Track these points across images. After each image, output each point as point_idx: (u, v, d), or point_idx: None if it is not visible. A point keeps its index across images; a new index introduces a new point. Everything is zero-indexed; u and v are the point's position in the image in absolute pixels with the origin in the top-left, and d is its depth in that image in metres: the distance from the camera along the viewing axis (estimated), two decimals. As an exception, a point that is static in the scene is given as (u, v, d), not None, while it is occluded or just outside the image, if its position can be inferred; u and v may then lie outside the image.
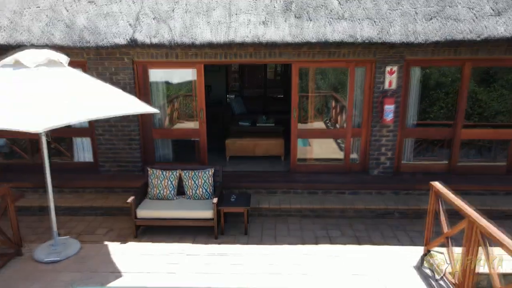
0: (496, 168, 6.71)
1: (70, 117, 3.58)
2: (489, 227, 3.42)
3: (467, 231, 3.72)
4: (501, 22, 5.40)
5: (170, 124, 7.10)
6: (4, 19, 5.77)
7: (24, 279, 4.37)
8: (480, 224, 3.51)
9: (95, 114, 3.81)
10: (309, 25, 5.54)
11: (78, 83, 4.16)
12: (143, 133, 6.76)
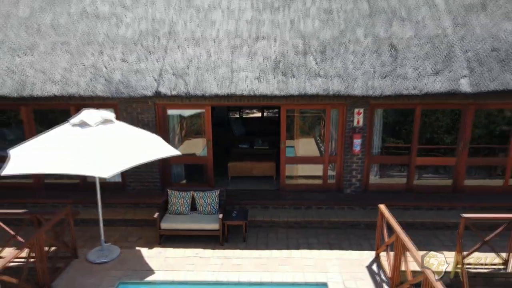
0: (444, 188, 8.39)
1: (126, 164, 5.27)
2: (405, 240, 5.11)
3: (395, 242, 5.41)
4: (438, 80, 7.09)
5: (179, 142, 8.67)
6: (57, 75, 7.46)
7: (83, 275, 6.06)
8: (401, 237, 5.20)
9: (141, 160, 5.50)
10: (293, 81, 7.23)
11: (128, 135, 5.85)
12: (162, 159, 8.44)
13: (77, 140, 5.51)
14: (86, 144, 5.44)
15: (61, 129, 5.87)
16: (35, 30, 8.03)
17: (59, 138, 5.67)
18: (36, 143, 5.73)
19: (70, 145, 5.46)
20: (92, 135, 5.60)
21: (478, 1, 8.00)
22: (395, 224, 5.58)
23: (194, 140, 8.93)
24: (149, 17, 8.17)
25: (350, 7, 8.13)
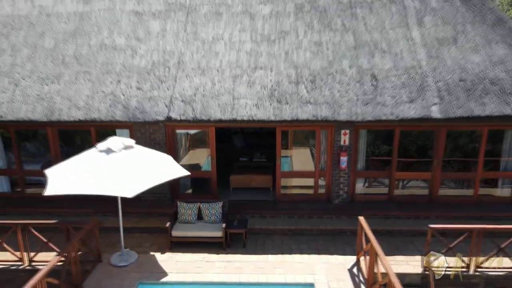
0: (421, 198, 9.47)
1: (146, 185, 6.36)
2: (377, 248, 6.20)
3: (370, 249, 6.49)
4: (413, 107, 8.17)
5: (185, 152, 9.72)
6: (81, 101, 8.55)
7: (107, 277, 7.15)
8: (374, 245, 6.28)
9: (158, 181, 6.59)
10: (286, 107, 8.32)
11: (146, 158, 6.94)
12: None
13: (104, 164, 6.59)
14: (112, 168, 6.53)
15: (89, 154, 6.97)
16: (60, 61, 9.12)
17: (88, 162, 6.75)
18: (69, 166, 6.81)
19: (98, 168, 6.55)
20: (116, 159, 6.68)
21: (450, 35, 9.09)
22: (370, 234, 6.67)
23: (198, 150, 10.02)
24: (160, 49, 9.26)
25: (337, 39, 9.22)
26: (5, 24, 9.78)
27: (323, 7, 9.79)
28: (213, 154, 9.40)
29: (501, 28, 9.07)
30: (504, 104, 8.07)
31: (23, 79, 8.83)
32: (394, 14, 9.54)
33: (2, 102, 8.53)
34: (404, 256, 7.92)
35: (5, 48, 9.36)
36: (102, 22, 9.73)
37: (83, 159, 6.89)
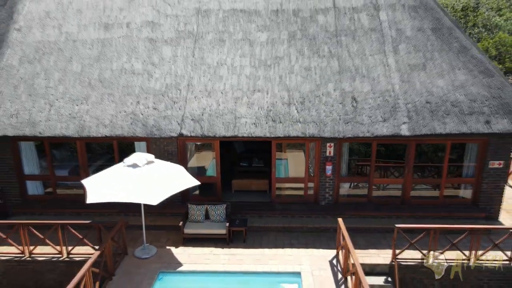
0: (395, 199, 11.10)
1: (166, 194, 7.97)
2: (349, 244, 7.83)
3: (345, 245, 8.14)
4: (385, 125, 9.74)
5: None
6: (106, 120, 10.12)
7: (134, 267, 8.82)
8: (347, 241, 7.92)
9: (176, 190, 8.21)
10: (280, 126, 9.89)
11: (165, 171, 8.54)
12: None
13: (131, 177, 8.20)
14: (138, 180, 8.14)
15: (118, 168, 8.58)
16: (87, 83, 10.67)
17: (118, 175, 8.36)
18: (102, 178, 8.43)
19: (127, 180, 8.16)
20: (141, 173, 8.29)
21: (420, 61, 10.62)
22: (345, 233, 8.31)
23: (203, 153, 11.61)
24: (172, 73, 10.81)
25: (324, 65, 10.76)
26: (37, 49, 11.30)
27: (313, 35, 11.29)
28: (218, 162, 11.01)
29: (464, 56, 10.59)
30: (462, 123, 9.64)
31: (56, 100, 10.39)
32: (373, 42, 11.05)
33: (41, 120, 10.11)
34: (377, 249, 9.58)
35: (39, 72, 10.90)
36: (122, 48, 11.26)
37: (114, 172, 8.50)
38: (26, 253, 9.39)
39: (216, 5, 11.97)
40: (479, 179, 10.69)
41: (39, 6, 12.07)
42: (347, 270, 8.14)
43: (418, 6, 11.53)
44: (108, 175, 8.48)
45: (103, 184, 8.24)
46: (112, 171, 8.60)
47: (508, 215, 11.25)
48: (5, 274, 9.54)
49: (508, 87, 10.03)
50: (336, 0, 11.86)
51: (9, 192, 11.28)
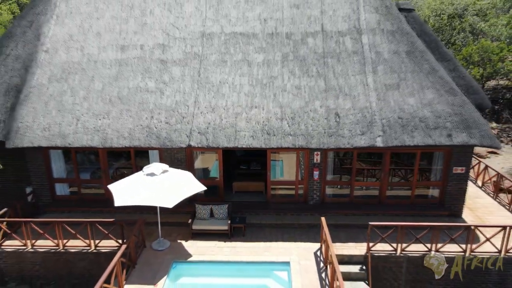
0: (373, 199, 12.89)
1: (179, 198, 9.75)
2: (329, 238, 9.64)
3: (325, 239, 9.94)
4: (363, 138, 11.47)
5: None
6: (125, 133, 11.85)
7: (152, 257, 10.65)
8: (327, 236, 9.73)
9: (187, 195, 9.99)
10: (274, 138, 11.63)
11: (177, 178, 10.31)
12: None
13: (149, 183, 9.97)
14: (155, 186, 9.91)
15: (139, 176, 10.34)
16: (108, 100, 12.37)
17: (138, 182, 10.13)
18: (125, 184, 10.19)
19: (146, 187, 9.92)
20: (158, 180, 10.06)
21: (395, 81, 12.30)
22: (326, 229, 10.11)
23: (207, 155, 13.36)
24: (181, 90, 12.50)
25: (312, 84, 12.44)
26: (63, 69, 12.98)
27: (303, 57, 12.96)
28: (221, 168, 12.79)
29: (433, 76, 12.28)
30: (428, 136, 11.37)
31: (82, 115, 12.11)
32: (355, 63, 12.72)
33: (69, 133, 11.84)
34: (355, 243, 11.39)
35: (66, 90, 12.60)
36: (137, 68, 12.94)
37: (134, 180, 10.28)
38: (60, 246, 11.22)
39: (219, 29, 13.61)
40: (444, 182, 12.47)
41: (63, 29, 13.71)
42: (327, 260, 9.96)
43: (395, 30, 13.17)
44: (130, 182, 10.25)
45: (126, 190, 10.02)
46: (133, 178, 10.38)
47: (471, 212, 13.06)
48: (43, 264, 11.38)
49: (468, 104, 11.76)
50: (324, 24, 13.50)
51: (41, 193, 13.08)
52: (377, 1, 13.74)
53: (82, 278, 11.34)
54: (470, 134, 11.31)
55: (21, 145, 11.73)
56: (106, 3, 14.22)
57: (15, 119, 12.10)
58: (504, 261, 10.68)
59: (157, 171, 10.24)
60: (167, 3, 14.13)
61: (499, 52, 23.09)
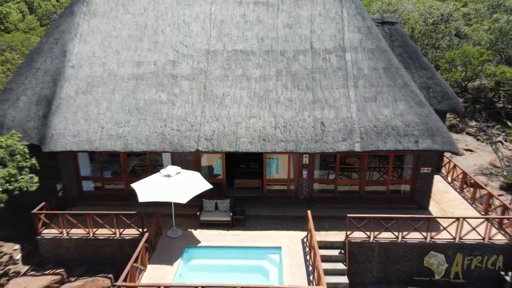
0: (353, 194, 15.12)
1: (191, 195, 11.97)
2: (312, 227, 11.89)
3: (310, 229, 12.19)
4: (344, 144, 13.62)
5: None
6: (143, 139, 14.00)
7: (168, 243, 12.93)
8: (311, 225, 11.98)
9: (197, 192, 12.21)
10: (268, 144, 13.78)
11: (189, 178, 12.51)
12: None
13: (165, 183, 12.17)
14: (171, 185, 12.11)
15: (157, 177, 12.54)
16: (127, 111, 14.49)
17: (156, 182, 12.32)
18: (146, 184, 12.39)
19: (163, 185, 12.12)
20: (173, 180, 12.26)
21: (373, 94, 14.38)
22: (311, 221, 12.34)
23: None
24: (190, 102, 14.60)
25: (302, 96, 14.54)
26: (88, 83, 15.06)
27: (294, 72, 15.03)
28: (224, 169, 14.99)
29: (405, 90, 14.36)
30: (398, 142, 13.51)
31: (106, 124, 14.24)
32: (339, 78, 14.79)
33: (95, 139, 13.99)
34: (336, 231, 13.61)
35: (91, 101, 14.70)
36: (151, 82, 15.02)
37: (153, 180, 12.47)
38: (91, 234, 13.47)
39: (221, 47, 15.66)
40: (414, 180, 14.69)
41: (86, 47, 15.75)
42: (311, 245, 12.21)
43: (375, 49, 15.21)
44: (150, 182, 12.46)
45: (147, 188, 12.22)
46: (152, 179, 12.58)
47: (437, 205, 15.30)
48: (76, 248, 13.64)
49: (433, 115, 13.88)
50: (313, 43, 15.54)
51: (70, 189, 15.30)
52: (360, 22, 15.74)
53: (108, 260, 13.61)
54: (433, 140, 13.47)
55: (56, 150, 13.88)
56: (122, 23, 16.23)
57: (49, 126, 14.23)
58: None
59: (172, 172, 12.43)
60: (176, 23, 16.15)
61: (479, 57, 25.05)
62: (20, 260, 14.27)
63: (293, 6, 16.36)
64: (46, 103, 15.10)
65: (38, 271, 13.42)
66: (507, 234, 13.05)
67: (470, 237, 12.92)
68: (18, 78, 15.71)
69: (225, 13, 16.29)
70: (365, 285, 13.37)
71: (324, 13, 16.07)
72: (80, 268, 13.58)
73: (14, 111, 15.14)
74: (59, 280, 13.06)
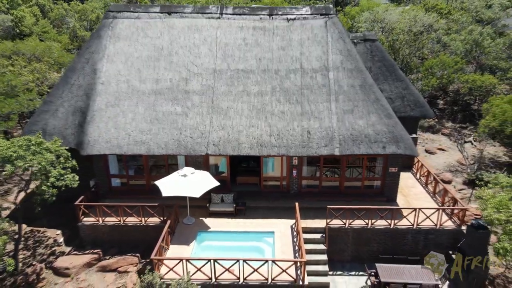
0: (335, 188, 18.38)
1: (203, 190, 15.23)
2: (298, 216, 15.18)
3: (297, 218, 15.48)
4: (326, 149, 16.83)
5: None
6: (162, 145, 17.20)
7: (184, 229, 16.24)
8: (298, 215, 15.27)
9: (207, 188, 15.47)
10: (264, 149, 16.99)
11: (201, 177, 15.77)
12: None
13: (183, 181, 15.43)
14: (187, 182, 15.37)
15: (175, 176, 15.79)
16: (149, 121, 17.67)
17: (175, 180, 15.58)
18: (167, 181, 15.64)
19: (180, 183, 15.38)
20: (188, 179, 15.51)
21: (350, 108, 17.54)
22: (298, 211, 15.62)
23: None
24: (200, 113, 17.76)
25: (292, 109, 17.70)
26: (116, 97, 18.19)
27: (286, 88, 18.16)
28: (228, 168, 18.24)
29: (377, 104, 17.52)
30: (370, 148, 16.72)
31: (132, 132, 17.43)
32: (323, 94, 17.93)
33: (124, 145, 17.18)
34: (319, 219, 16.88)
35: (118, 113, 17.86)
36: (168, 97, 18.16)
37: (173, 178, 15.71)
38: (122, 221, 16.76)
39: (226, 66, 18.77)
40: (384, 178, 17.94)
41: (112, 66, 18.86)
42: (298, 230, 15.50)
43: (353, 69, 18.33)
44: (170, 180, 15.71)
45: (168, 185, 15.48)
46: (171, 177, 15.82)
47: (404, 198, 18.58)
48: (109, 233, 16.93)
49: (398, 125, 17.07)
50: (302, 63, 18.65)
51: (101, 185, 18.56)
52: (341, 45, 18.84)
53: (135, 243, 16.90)
54: (398, 146, 16.69)
55: (92, 153, 17.10)
56: (142, 45, 19.32)
57: (85, 134, 17.42)
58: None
59: (188, 173, 15.68)
60: (187, 45, 19.24)
61: (454, 65, 28.14)
62: (63, 242, 17.60)
63: (286, 30, 19.44)
64: (80, 113, 18.26)
65: (79, 251, 16.74)
66: (455, 221, 16.36)
67: (426, 223, 16.20)
68: (56, 92, 18.85)
69: (229, 37, 19.37)
70: (342, 262, 16.70)
71: (312, 37, 19.15)
72: (113, 249, 16.88)
73: (54, 120, 18.31)
74: (96, 258, 16.38)
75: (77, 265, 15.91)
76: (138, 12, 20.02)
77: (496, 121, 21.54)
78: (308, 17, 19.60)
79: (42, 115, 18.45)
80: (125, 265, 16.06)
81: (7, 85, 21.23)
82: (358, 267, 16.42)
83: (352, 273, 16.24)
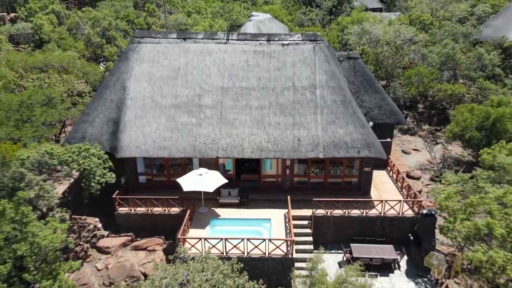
0: (320, 185, 22.64)
1: (215, 186, 19.50)
2: (290, 207, 19.47)
3: (289, 208, 19.78)
4: (312, 153, 21.00)
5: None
6: (181, 149, 21.42)
7: (199, 217, 20.55)
8: (289, 205, 19.56)
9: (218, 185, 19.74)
10: (263, 153, 21.19)
11: (213, 176, 20.03)
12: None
13: (199, 179, 19.69)
14: (202, 180, 19.63)
15: (193, 174, 20.05)
16: (170, 130, 21.84)
17: (193, 178, 19.83)
18: (186, 179, 19.90)
19: (197, 180, 19.64)
20: (203, 177, 19.77)
21: (332, 119, 21.71)
22: (289, 203, 19.89)
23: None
24: (211, 124, 21.92)
25: (286, 121, 21.87)
26: (142, 110, 22.30)
27: (281, 103, 22.31)
28: (234, 168, 22.51)
29: (354, 116, 21.68)
30: (347, 152, 20.92)
31: (156, 139, 21.62)
32: (311, 107, 22.07)
33: (150, 149, 21.38)
34: (308, 209, 21.14)
35: (145, 123, 22.02)
36: (185, 110, 22.32)
37: (191, 176, 19.97)
38: (149, 211, 21.06)
39: (231, 84, 22.90)
40: (360, 176, 22.20)
41: (139, 84, 23.00)
42: (289, 218, 19.76)
43: (336, 87, 22.47)
44: (188, 178, 19.97)
45: (188, 182, 19.74)
46: (190, 176, 20.08)
47: (377, 192, 22.84)
48: (140, 220, 21.24)
49: (371, 134, 21.27)
50: (294, 82, 22.77)
51: (131, 182, 22.83)
52: (327, 67, 22.95)
53: (161, 228, 21.18)
54: (370, 150, 20.92)
55: (125, 156, 21.32)
56: (162, 66, 23.44)
57: (119, 140, 21.61)
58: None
59: (203, 172, 19.94)
60: (200, 67, 23.36)
61: (429, 76, 32.22)
62: (101, 228, 21.92)
63: (282, 54, 23.54)
64: (113, 123, 22.44)
65: (116, 235, 21.06)
66: (414, 210, 20.67)
67: (391, 212, 20.49)
68: (92, 105, 23.02)
69: (234, 59, 23.48)
70: (324, 243, 20.94)
71: (303, 60, 23.26)
72: (143, 232, 21.19)
73: (92, 129, 22.50)
74: (130, 240, 20.72)
75: (115, 245, 20.25)
76: (158, 38, 24.10)
77: (458, 127, 25.68)
78: (299, 43, 23.69)
79: (82, 125, 22.64)
80: (153, 245, 20.40)
81: (47, 97, 25.32)
82: (337, 247, 20.74)
83: (333, 251, 20.56)
